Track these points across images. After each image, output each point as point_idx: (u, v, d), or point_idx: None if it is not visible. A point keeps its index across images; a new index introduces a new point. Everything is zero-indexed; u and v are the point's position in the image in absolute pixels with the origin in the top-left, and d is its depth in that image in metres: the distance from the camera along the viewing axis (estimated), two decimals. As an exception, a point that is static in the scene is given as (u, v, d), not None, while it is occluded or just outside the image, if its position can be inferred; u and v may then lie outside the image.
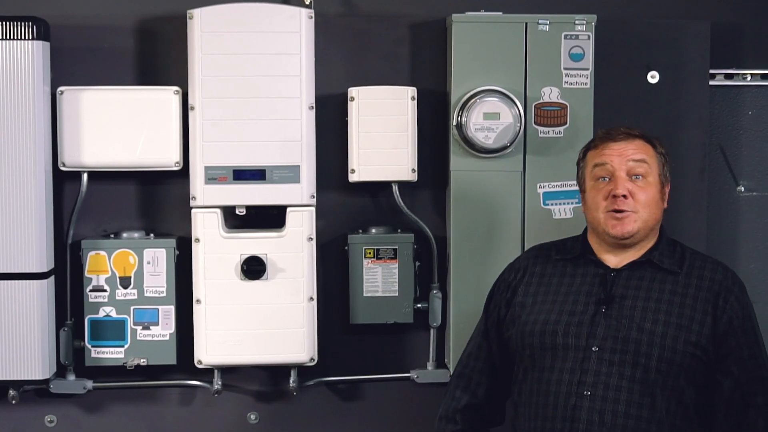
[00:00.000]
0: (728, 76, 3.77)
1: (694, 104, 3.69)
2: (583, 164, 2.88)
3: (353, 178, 3.54)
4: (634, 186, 2.72)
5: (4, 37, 3.29)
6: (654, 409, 2.60)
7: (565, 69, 3.51)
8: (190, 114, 3.41)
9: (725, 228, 3.82)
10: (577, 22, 3.50)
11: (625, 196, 2.70)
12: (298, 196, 3.45)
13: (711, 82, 3.71)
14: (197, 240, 3.44)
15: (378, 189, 3.66)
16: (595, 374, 2.63)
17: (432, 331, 3.69)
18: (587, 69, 3.51)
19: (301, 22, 3.41)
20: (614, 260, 2.78)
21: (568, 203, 3.54)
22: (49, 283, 3.41)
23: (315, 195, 3.47)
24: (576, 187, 3.46)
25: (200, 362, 3.49)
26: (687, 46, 3.68)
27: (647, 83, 3.69)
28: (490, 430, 2.98)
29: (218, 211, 3.45)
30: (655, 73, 3.68)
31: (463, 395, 2.91)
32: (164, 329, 3.52)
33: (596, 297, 2.72)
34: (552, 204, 3.53)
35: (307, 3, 3.51)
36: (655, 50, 3.68)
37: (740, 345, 2.65)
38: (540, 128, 3.52)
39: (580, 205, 3.48)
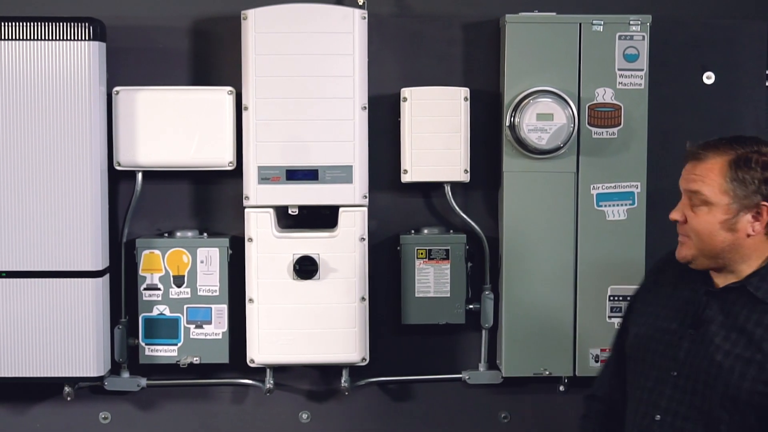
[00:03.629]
0: (785, 77, 3.73)
1: (750, 105, 3.65)
2: None
3: (406, 178, 3.54)
4: (690, 211, 2.52)
5: (62, 38, 3.33)
6: None
7: (619, 70, 3.49)
8: (244, 114, 3.43)
9: (781, 230, 3.77)
10: (631, 22, 3.47)
11: (679, 221, 2.55)
12: (351, 196, 3.45)
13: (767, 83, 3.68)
14: (250, 239, 3.46)
15: (430, 189, 3.66)
16: (668, 399, 2.52)
17: (484, 332, 3.68)
18: (642, 70, 3.49)
19: (354, 23, 3.41)
20: (717, 279, 2.56)
21: (622, 205, 3.51)
22: (104, 281, 3.45)
23: (367, 195, 3.47)
24: (630, 189, 3.46)
25: (252, 361, 3.51)
26: (743, 47, 3.64)
27: (703, 84, 3.66)
28: None
29: (271, 210, 3.46)
30: (710, 73, 3.65)
31: (593, 387, 2.86)
32: (217, 328, 3.54)
33: (690, 318, 2.55)
34: (606, 205, 3.51)
35: (361, 3, 3.52)
36: (710, 51, 3.65)
37: None
38: (594, 129, 3.50)
39: (635, 206, 3.49)
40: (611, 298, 3.53)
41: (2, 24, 3.31)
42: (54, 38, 3.33)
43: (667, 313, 2.59)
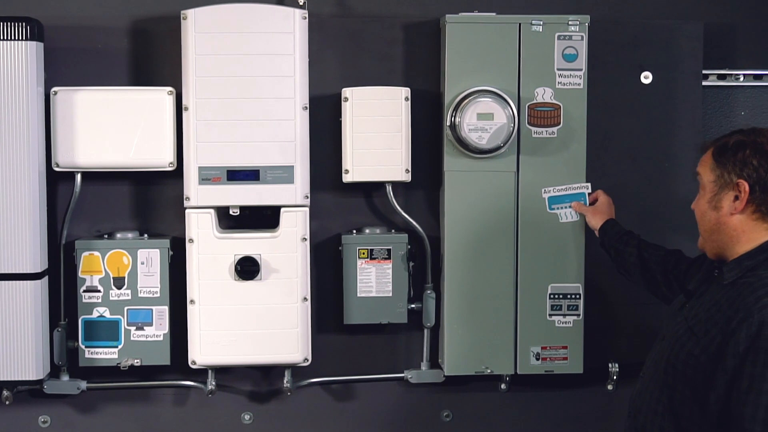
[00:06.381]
0: (721, 77, 3.77)
1: (687, 105, 3.70)
2: None
3: (347, 178, 3.54)
4: (696, 200, 2.75)
5: (-2, 38, 3.30)
6: (664, 405, 2.63)
7: (558, 69, 3.51)
8: (184, 114, 3.41)
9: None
10: (570, 22, 3.50)
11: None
12: (292, 196, 3.45)
13: (704, 83, 3.72)
14: (191, 240, 3.44)
15: (372, 189, 3.66)
16: (652, 359, 2.74)
17: (426, 331, 3.69)
18: (580, 69, 3.52)
19: (295, 23, 3.41)
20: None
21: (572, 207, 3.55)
22: (42, 284, 3.41)
23: (309, 195, 3.47)
24: (581, 190, 3.49)
25: (194, 362, 3.49)
26: (680, 47, 3.68)
27: (640, 84, 3.69)
28: None
29: (212, 211, 3.45)
30: (648, 73, 3.69)
31: None
32: (158, 330, 3.52)
33: (690, 291, 2.79)
34: (558, 208, 3.54)
35: (301, 4, 3.51)
36: (648, 51, 3.68)
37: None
38: (533, 129, 3.53)
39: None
40: (551, 296, 3.56)
41: (-63, 23, 3.28)
42: (-10, 38, 3.30)
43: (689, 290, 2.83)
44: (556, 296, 3.56)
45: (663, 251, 3.29)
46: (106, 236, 3.57)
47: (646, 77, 3.69)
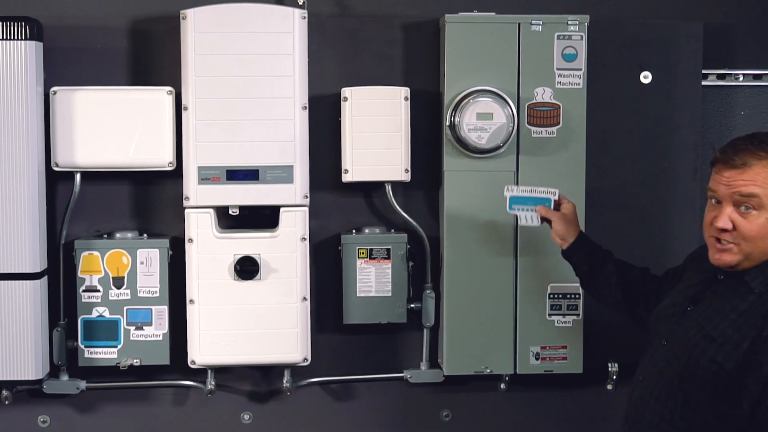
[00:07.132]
0: (720, 77, 3.77)
1: (686, 104, 3.69)
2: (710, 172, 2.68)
3: (346, 178, 3.54)
4: (739, 217, 2.56)
5: (-3, 38, 3.30)
6: (674, 412, 2.60)
7: (558, 69, 3.51)
8: (184, 114, 3.41)
9: (718, 228, 3.82)
10: (570, 22, 3.50)
11: (726, 230, 2.57)
12: (292, 196, 3.45)
13: (703, 83, 3.72)
14: (190, 240, 3.44)
15: (371, 189, 3.66)
16: (653, 364, 2.71)
17: (425, 331, 3.69)
18: (580, 69, 3.52)
19: (294, 23, 3.41)
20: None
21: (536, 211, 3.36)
22: (42, 284, 3.41)
23: (308, 195, 3.47)
24: (546, 195, 3.34)
25: (193, 362, 3.49)
26: (679, 47, 3.68)
27: (640, 83, 3.69)
28: None
29: (211, 211, 3.45)
30: (647, 73, 3.69)
31: None
32: (157, 329, 3.52)
33: (694, 296, 2.71)
34: (519, 209, 3.32)
35: (301, 3, 3.51)
36: (647, 50, 3.68)
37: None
38: (533, 128, 3.52)
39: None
40: (551, 296, 3.56)
41: (-64, 23, 3.28)
42: (-10, 38, 3.30)
43: (683, 290, 2.76)
44: (556, 296, 3.56)
45: (637, 268, 3.20)
46: (105, 236, 3.57)
47: (646, 77, 3.69)
